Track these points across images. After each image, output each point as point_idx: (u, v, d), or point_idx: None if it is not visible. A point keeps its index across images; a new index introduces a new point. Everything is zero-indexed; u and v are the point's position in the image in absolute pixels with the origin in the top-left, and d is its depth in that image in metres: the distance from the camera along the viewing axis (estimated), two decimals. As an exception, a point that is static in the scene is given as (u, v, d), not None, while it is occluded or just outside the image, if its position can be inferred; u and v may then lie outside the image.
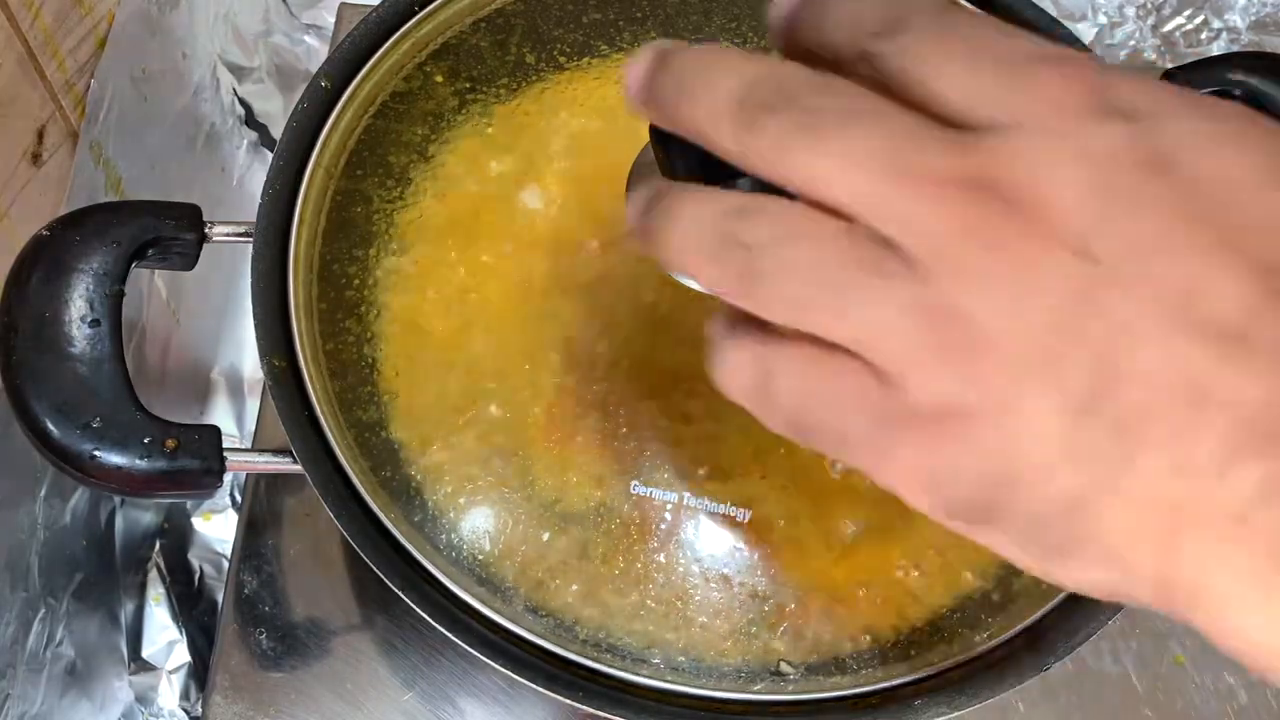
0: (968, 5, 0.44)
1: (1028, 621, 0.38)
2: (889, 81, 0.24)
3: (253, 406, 0.71)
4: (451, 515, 0.39)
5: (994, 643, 0.38)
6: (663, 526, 0.39)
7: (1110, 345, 0.22)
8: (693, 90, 0.24)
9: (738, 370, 0.25)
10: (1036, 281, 0.22)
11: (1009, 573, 0.39)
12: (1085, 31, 0.75)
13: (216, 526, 0.68)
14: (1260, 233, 0.22)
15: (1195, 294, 0.22)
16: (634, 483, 0.39)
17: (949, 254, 0.22)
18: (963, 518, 0.24)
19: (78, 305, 0.38)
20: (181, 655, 0.64)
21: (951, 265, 0.22)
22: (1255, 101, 0.45)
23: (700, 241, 0.24)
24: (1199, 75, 0.45)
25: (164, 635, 0.64)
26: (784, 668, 0.38)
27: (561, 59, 0.44)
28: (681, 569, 0.38)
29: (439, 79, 0.44)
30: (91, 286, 0.38)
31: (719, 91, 0.24)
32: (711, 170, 0.25)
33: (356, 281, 0.41)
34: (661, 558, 0.38)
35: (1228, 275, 0.22)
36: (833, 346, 0.23)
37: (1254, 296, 0.22)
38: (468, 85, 0.44)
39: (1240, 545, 0.22)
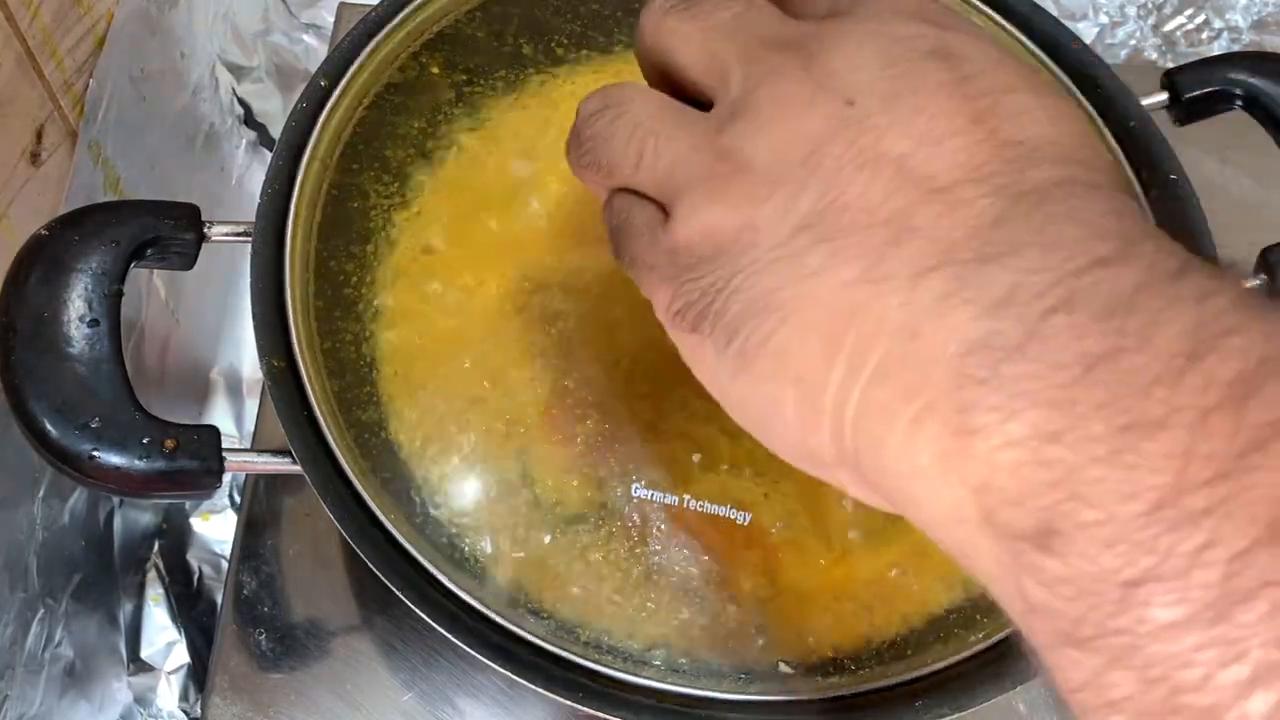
0: None
1: (1029, 622, 0.38)
2: None
3: (252, 406, 0.71)
4: (451, 516, 0.38)
5: (994, 643, 0.38)
6: (663, 528, 0.39)
7: (840, 175, 0.24)
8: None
9: (605, 217, 0.29)
10: (803, 122, 0.25)
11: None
12: (1086, 31, 0.75)
13: (215, 527, 0.68)
14: (1010, 119, 0.24)
15: (930, 144, 0.24)
16: (635, 485, 0.39)
17: (746, 100, 0.26)
18: (684, 320, 0.26)
19: (76, 305, 0.38)
20: (180, 656, 0.64)
21: (744, 109, 0.26)
22: (1256, 101, 0.45)
23: (575, 126, 0.29)
24: (1200, 75, 0.45)
25: (163, 636, 0.64)
26: (783, 668, 0.38)
27: (560, 50, 0.44)
28: (681, 570, 0.38)
29: (435, 70, 0.44)
30: (90, 286, 0.38)
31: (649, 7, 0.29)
32: None
33: (355, 280, 0.41)
34: (661, 559, 0.38)
35: (968, 140, 0.24)
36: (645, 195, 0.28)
37: (985, 158, 0.24)
38: (464, 78, 0.44)
39: (908, 358, 0.23)
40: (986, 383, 0.21)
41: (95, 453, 0.36)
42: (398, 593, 0.36)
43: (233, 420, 0.71)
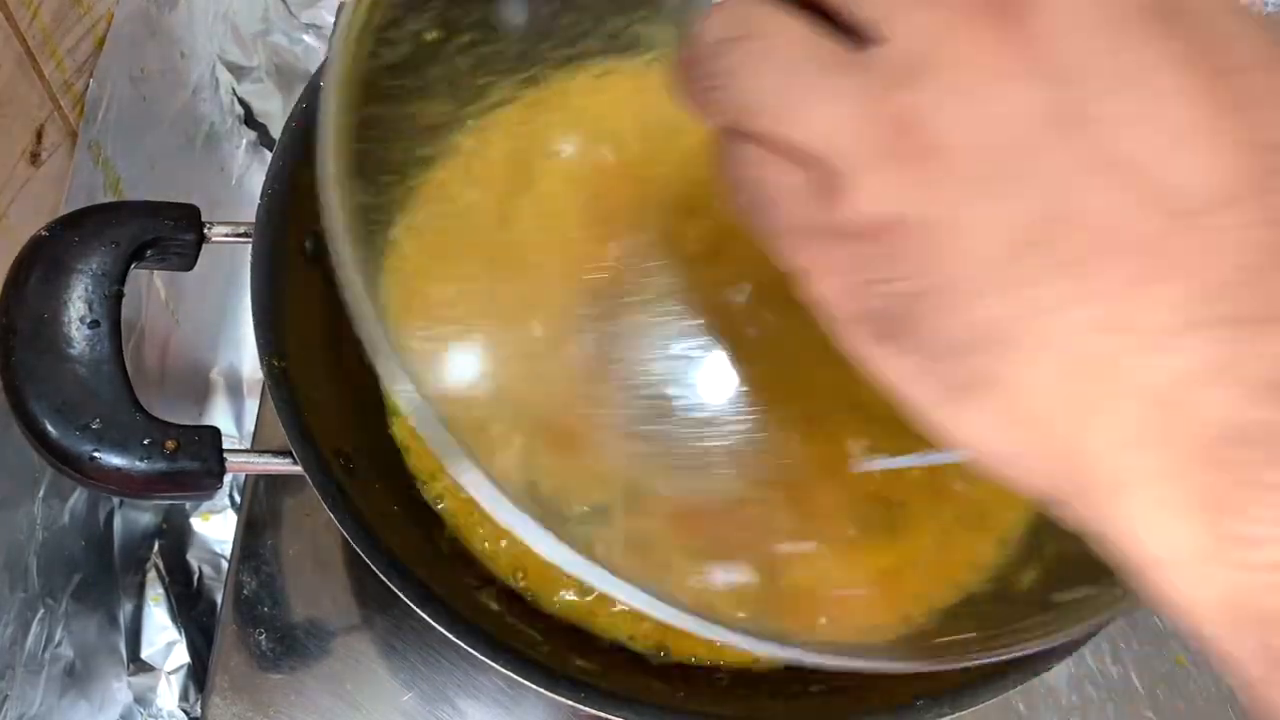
0: None
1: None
2: None
3: (252, 407, 0.71)
4: (454, 516, 0.38)
5: (994, 643, 0.38)
6: (665, 528, 0.39)
7: (1071, 182, 0.20)
8: None
9: (724, 165, 0.25)
10: (1008, 99, 0.21)
11: (1012, 573, 0.39)
12: (1085, 31, 0.75)
13: (215, 527, 0.68)
14: (1264, 111, 0.20)
15: (1170, 148, 0.20)
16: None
17: (925, 53, 0.21)
18: (872, 328, 0.23)
19: (77, 306, 0.38)
20: (180, 656, 0.64)
21: (924, 66, 0.21)
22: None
23: (695, 48, 0.24)
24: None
25: (163, 636, 0.64)
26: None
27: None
28: (681, 569, 0.38)
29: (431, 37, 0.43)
30: (90, 287, 0.38)
31: None
32: None
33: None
34: (659, 560, 0.38)
35: (1215, 143, 0.20)
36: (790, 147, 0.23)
37: (1238, 170, 0.20)
38: (463, 38, 0.43)
39: (1163, 430, 0.20)
40: (1252, 485, 0.19)
41: (96, 454, 0.36)
42: (398, 592, 0.36)
43: (233, 420, 0.71)
